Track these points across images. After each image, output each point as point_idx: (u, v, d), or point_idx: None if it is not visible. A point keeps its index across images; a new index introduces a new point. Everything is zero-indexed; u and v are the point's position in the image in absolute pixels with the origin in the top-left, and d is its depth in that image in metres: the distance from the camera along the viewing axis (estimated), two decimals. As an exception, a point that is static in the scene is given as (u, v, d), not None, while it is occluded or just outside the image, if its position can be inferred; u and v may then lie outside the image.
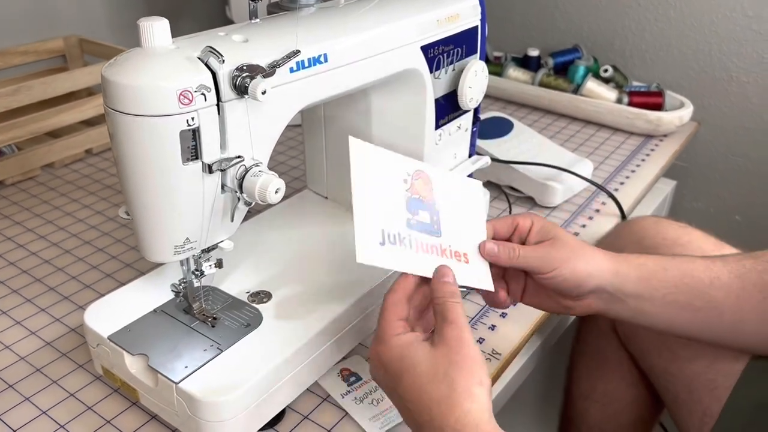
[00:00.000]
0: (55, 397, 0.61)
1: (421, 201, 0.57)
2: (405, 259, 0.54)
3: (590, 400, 0.86)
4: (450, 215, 0.59)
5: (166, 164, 0.48)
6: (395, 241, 0.53)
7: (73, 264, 0.79)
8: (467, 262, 0.57)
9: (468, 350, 0.47)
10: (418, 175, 0.58)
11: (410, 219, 0.55)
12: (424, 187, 0.58)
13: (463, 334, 0.48)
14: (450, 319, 0.49)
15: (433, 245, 0.56)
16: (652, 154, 1.11)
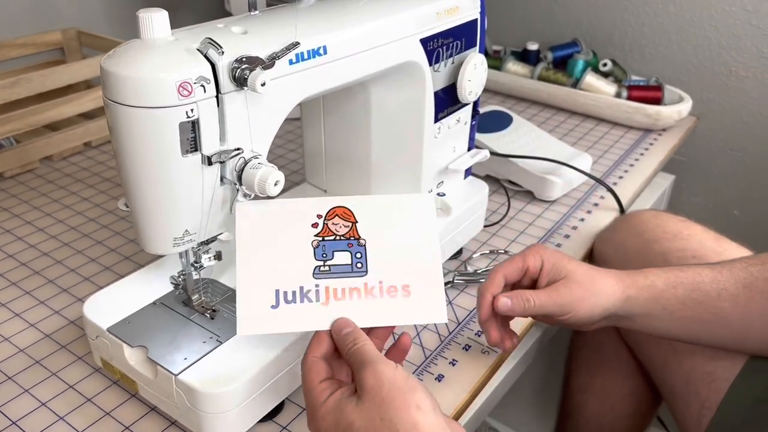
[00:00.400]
0: (54, 389, 0.61)
1: (337, 242, 0.52)
2: (308, 317, 0.50)
3: (588, 393, 0.87)
4: (383, 246, 0.53)
5: (166, 156, 0.48)
6: (295, 298, 0.50)
7: (71, 256, 0.79)
8: (407, 294, 0.52)
9: (390, 383, 0.44)
10: (335, 212, 0.53)
11: (320, 267, 0.51)
12: (342, 224, 0.53)
13: (378, 369, 0.45)
14: (362, 364, 0.46)
15: (353, 288, 0.51)
16: (651, 148, 1.11)
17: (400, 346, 0.53)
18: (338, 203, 0.53)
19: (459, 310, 0.73)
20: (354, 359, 0.47)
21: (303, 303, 0.50)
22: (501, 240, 0.86)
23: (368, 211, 0.54)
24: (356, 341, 0.48)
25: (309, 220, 0.52)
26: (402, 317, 0.52)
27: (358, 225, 0.53)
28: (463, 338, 0.69)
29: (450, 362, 0.66)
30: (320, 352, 0.49)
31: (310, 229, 0.52)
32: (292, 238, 0.51)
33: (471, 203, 0.78)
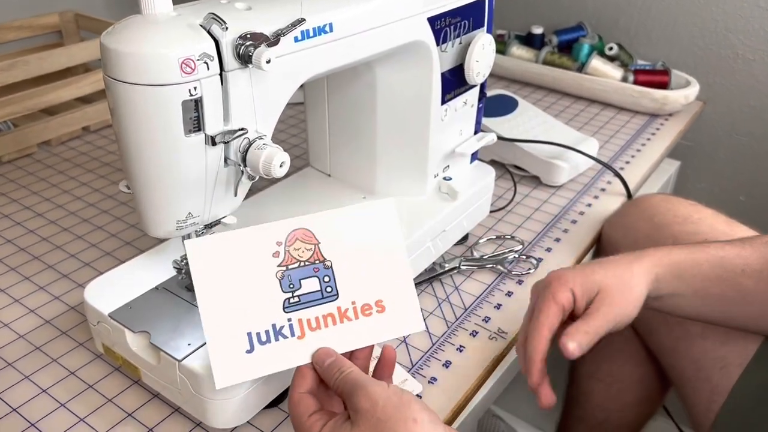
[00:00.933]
0: (55, 376, 0.60)
1: (302, 269, 0.49)
2: (286, 355, 0.47)
3: (595, 380, 0.86)
4: (350, 264, 0.51)
5: (168, 136, 0.46)
6: (269, 338, 0.47)
7: (71, 242, 0.78)
8: (382, 309, 0.51)
9: (383, 401, 0.43)
10: (295, 236, 0.50)
11: (289, 299, 0.48)
12: (305, 248, 0.50)
13: (369, 391, 0.43)
14: (352, 389, 0.44)
15: (326, 314, 0.49)
16: (658, 133, 1.10)
17: (385, 361, 0.51)
18: (296, 225, 0.50)
19: (466, 296, 0.72)
20: (343, 388, 0.45)
21: (278, 341, 0.47)
22: (507, 225, 0.84)
23: (329, 229, 0.50)
24: (341, 370, 0.46)
25: (269, 249, 0.49)
26: (380, 335, 0.50)
27: (320, 246, 0.50)
28: (470, 324, 0.68)
29: (457, 348, 0.65)
30: (305, 387, 0.47)
31: (271, 260, 0.48)
32: (254, 272, 0.48)
33: (477, 188, 0.77)
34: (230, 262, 0.47)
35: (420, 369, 0.63)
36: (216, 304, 0.46)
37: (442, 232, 0.72)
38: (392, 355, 0.51)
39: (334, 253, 0.50)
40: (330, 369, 0.47)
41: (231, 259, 0.47)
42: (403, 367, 0.62)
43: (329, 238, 0.50)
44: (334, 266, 0.50)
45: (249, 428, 0.56)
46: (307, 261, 0.49)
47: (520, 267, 0.77)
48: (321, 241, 0.50)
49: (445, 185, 0.74)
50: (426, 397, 0.60)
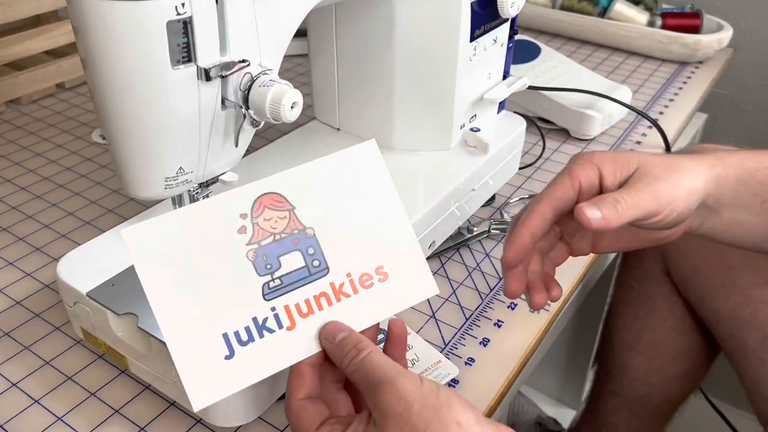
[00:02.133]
0: (27, 366, 0.51)
1: (279, 243, 0.39)
2: (276, 353, 0.38)
3: (634, 351, 0.78)
4: (337, 227, 0.41)
5: (151, 67, 0.37)
6: (251, 336, 0.37)
7: (45, 210, 0.68)
8: (384, 278, 0.41)
9: (420, 404, 0.34)
10: (262, 203, 0.39)
11: (269, 283, 0.38)
12: (277, 216, 0.39)
13: (400, 389, 0.34)
14: (377, 383, 0.35)
15: (319, 294, 0.40)
16: (690, 81, 1.01)
17: (395, 339, 0.41)
18: (261, 190, 0.39)
19: (499, 264, 0.63)
20: (363, 376, 0.36)
21: (264, 338, 0.38)
22: (537, 184, 0.75)
23: (303, 188, 0.40)
24: (359, 349, 0.37)
25: (232, 225, 0.38)
26: (387, 308, 0.41)
27: (296, 211, 0.40)
28: (507, 295, 0.59)
29: (495, 324, 0.57)
30: (305, 390, 0.38)
31: (238, 238, 0.38)
32: (218, 257, 0.37)
33: (507, 140, 0.67)
34: (185, 249, 0.37)
35: (454, 348, 0.54)
36: (176, 306, 0.36)
37: (470, 191, 0.63)
38: (402, 330, 0.41)
39: (314, 217, 0.40)
40: (343, 346, 0.38)
41: (186, 245, 0.37)
42: (435, 347, 0.54)
43: (305, 199, 0.40)
44: (318, 233, 0.40)
45: (259, 424, 0.47)
46: (284, 232, 0.39)
47: (557, 229, 0.68)
48: (296, 205, 0.40)
49: (472, 137, 0.65)
50: (464, 381, 0.51)
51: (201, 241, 0.37)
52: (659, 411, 0.80)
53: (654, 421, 0.82)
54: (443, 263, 0.63)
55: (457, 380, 0.51)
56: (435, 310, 0.58)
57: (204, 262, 0.37)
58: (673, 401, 0.80)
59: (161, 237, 0.36)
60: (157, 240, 0.36)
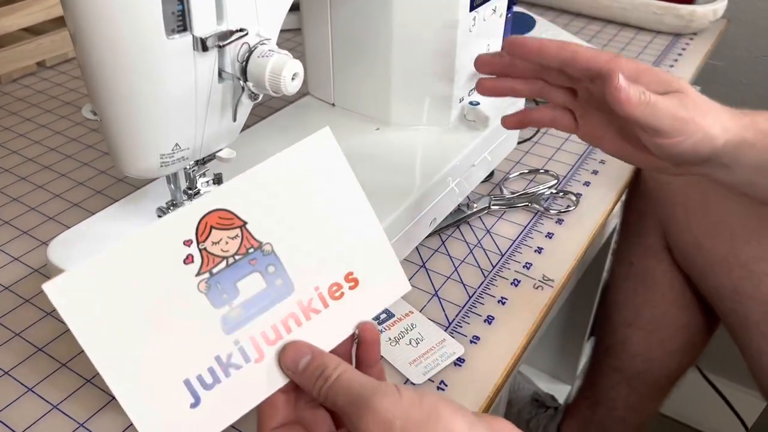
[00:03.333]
0: (19, 354, 0.49)
1: (233, 267, 0.34)
2: (247, 390, 0.35)
3: (634, 327, 0.78)
4: (296, 238, 0.36)
5: (144, 37, 0.34)
6: (217, 377, 0.34)
7: (31, 193, 0.66)
8: (355, 284, 0.38)
9: (402, 420, 0.31)
10: (207, 224, 0.34)
11: (228, 312, 0.34)
12: (227, 237, 0.34)
13: (378, 408, 0.31)
14: (351, 406, 0.32)
15: (288, 315, 0.36)
16: (684, 53, 0.99)
17: (367, 345, 0.38)
18: (204, 209, 0.34)
19: (500, 240, 0.62)
20: (335, 402, 0.33)
21: (230, 376, 0.34)
22: (536, 158, 0.74)
23: (253, 198, 0.35)
24: (325, 375, 0.34)
25: (176, 255, 0.33)
26: (360, 316, 0.38)
27: (248, 226, 0.35)
28: (510, 272, 0.58)
29: (499, 301, 0.56)
30: (277, 420, 0.35)
31: (185, 269, 0.33)
32: (165, 294, 0.33)
33: (508, 113, 0.66)
34: (126, 293, 0.31)
35: (458, 327, 0.53)
36: (126, 362, 0.31)
37: (470, 167, 0.62)
38: (373, 333, 0.38)
39: (270, 230, 0.35)
40: (309, 375, 0.34)
41: (125, 288, 0.31)
42: (439, 326, 0.53)
43: (257, 211, 0.35)
44: (277, 248, 0.35)
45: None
46: (237, 254, 0.34)
47: (557, 204, 0.67)
48: (247, 220, 0.35)
49: (471, 111, 0.63)
50: (469, 360, 0.50)
51: (143, 281, 0.32)
52: (658, 386, 0.80)
53: (652, 395, 0.82)
54: (444, 241, 0.62)
55: (463, 359, 0.50)
56: (437, 288, 0.57)
57: (150, 304, 0.32)
58: (671, 376, 0.80)
59: (93, 284, 0.31)
60: (88, 289, 0.31)
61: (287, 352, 0.35)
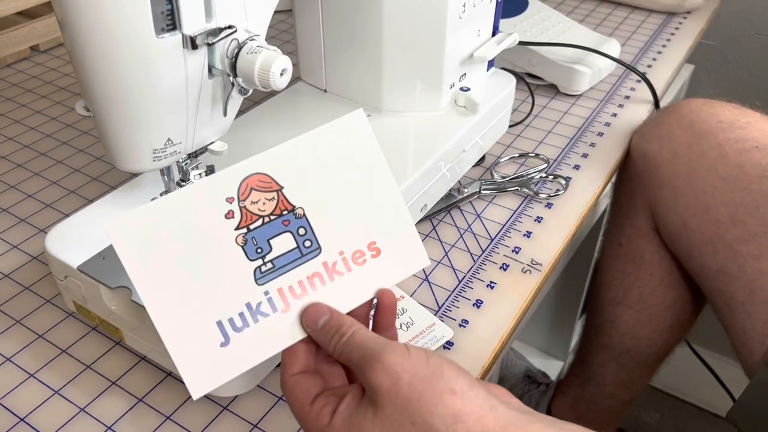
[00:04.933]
0: (20, 340, 0.51)
1: (268, 226, 0.38)
2: (272, 337, 0.38)
3: (623, 306, 0.79)
4: (327, 205, 0.40)
5: (135, 37, 0.35)
6: (246, 322, 0.37)
7: (27, 180, 0.67)
8: (377, 253, 0.41)
9: (409, 375, 0.33)
10: (248, 185, 0.37)
11: (260, 267, 0.38)
12: (265, 198, 0.38)
13: (388, 363, 0.33)
14: (363, 360, 0.35)
15: (312, 275, 0.39)
16: (678, 33, 0.99)
17: (384, 310, 0.41)
18: (247, 171, 0.37)
19: (490, 225, 0.63)
20: (349, 357, 0.36)
21: (258, 322, 0.37)
22: (527, 142, 0.75)
23: (290, 166, 0.39)
24: (341, 332, 0.37)
25: (219, 210, 0.37)
26: (379, 283, 0.41)
27: (285, 191, 0.38)
28: (499, 256, 0.60)
29: (487, 285, 0.57)
30: (298, 366, 0.38)
31: (225, 223, 0.37)
32: (206, 244, 0.36)
33: (498, 99, 0.66)
34: (172, 238, 0.35)
35: (448, 311, 0.54)
36: (167, 298, 0.35)
37: (461, 153, 0.62)
38: (391, 300, 0.40)
39: (303, 196, 0.39)
40: (326, 332, 0.37)
41: (172, 234, 0.35)
42: (429, 310, 0.54)
43: (293, 178, 0.39)
44: (308, 213, 0.39)
45: (258, 392, 0.47)
46: (272, 214, 0.38)
47: (547, 188, 0.68)
48: (284, 185, 0.38)
49: (462, 97, 0.64)
50: (459, 343, 0.52)
51: (188, 229, 0.36)
52: (646, 363, 0.82)
53: (641, 372, 0.84)
54: (435, 226, 0.63)
55: (452, 342, 0.52)
56: (428, 273, 0.58)
57: (192, 250, 0.36)
58: (659, 353, 0.82)
59: (146, 227, 0.35)
60: (141, 230, 0.35)
61: (308, 312, 0.38)
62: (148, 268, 0.35)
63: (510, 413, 0.32)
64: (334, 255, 0.39)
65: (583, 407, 0.90)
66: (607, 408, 0.88)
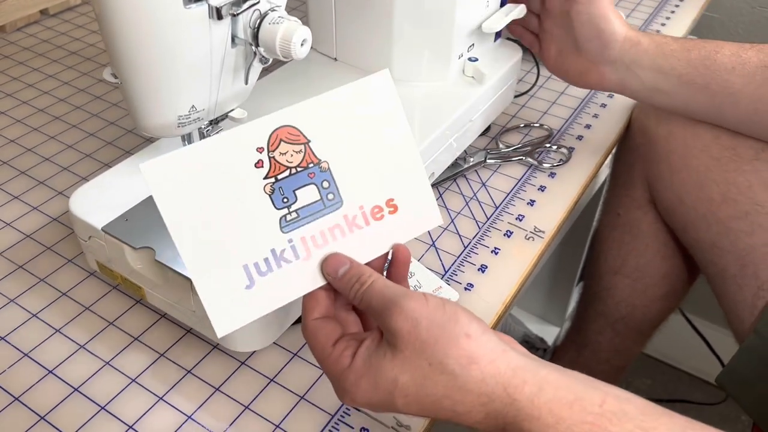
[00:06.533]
0: (45, 298, 0.53)
1: (295, 177, 0.40)
2: (293, 282, 0.40)
3: (620, 275, 0.82)
4: (351, 161, 0.41)
5: (164, 6, 0.37)
6: (270, 267, 0.39)
7: (44, 143, 0.68)
8: (394, 210, 0.43)
9: (427, 320, 0.35)
10: (278, 137, 0.39)
11: (285, 216, 0.40)
12: (293, 150, 0.40)
13: (407, 309, 0.36)
14: (382, 307, 0.37)
15: (333, 227, 0.41)
16: (681, 5, 1.00)
17: (398, 263, 0.42)
18: (277, 123, 0.39)
19: (495, 193, 0.65)
20: (369, 304, 0.38)
21: (281, 268, 0.39)
22: (532, 112, 0.76)
23: (318, 121, 0.40)
24: (362, 280, 0.38)
25: (249, 159, 0.38)
26: (395, 238, 0.43)
27: (311, 144, 0.40)
28: (503, 224, 0.62)
29: (492, 251, 0.59)
30: (319, 312, 0.40)
31: (255, 172, 0.38)
32: (236, 191, 0.38)
33: (504, 70, 0.68)
34: (204, 183, 0.37)
35: (454, 275, 0.57)
36: (197, 239, 0.37)
37: (468, 122, 0.64)
38: (405, 254, 0.43)
39: (329, 150, 0.41)
40: (347, 280, 0.39)
41: (204, 179, 0.37)
42: (436, 274, 0.56)
43: (320, 132, 0.40)
44: (332, 167, 0.41)
45: (274, 348, 0.50)
46: (299, 166, 0.40)
47: (550, 158, 0.70)
48: (311, 139, 0.40)
49: (470, 67, 0.65)
50: (464, 305, 0.54)
51: (219, 176, 0.37)
52: (641, 330, 0.85)
53: (635, 339, 0.87)
54: (441, 193, 0.65)
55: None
56: (435, 238, 0.60)
57: (222, 196, 0.38)
58: (654, 321, 0.84)
59: (180, 171, 0.36)
60: (175, 174, 0.36)
61: (329, 261, 0.40)
62: (180, 210, 0.36)
63: (520, 357, 0.35)
64: (354, 209, 0.41)
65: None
66: (602, 373, 0.91)
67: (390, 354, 0.36)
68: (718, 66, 0.58)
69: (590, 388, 0.33)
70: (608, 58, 0.61)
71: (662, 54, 0.59)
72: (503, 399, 0.33)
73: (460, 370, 0.34)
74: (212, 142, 0.37)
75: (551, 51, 0.66)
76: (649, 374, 1.43)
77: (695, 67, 0.59)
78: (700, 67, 0.58)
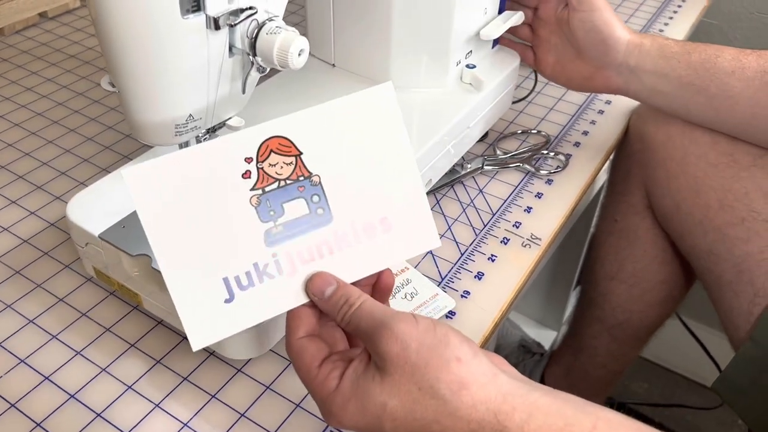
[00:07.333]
0: (41, 304, 0.53)
1: (283, 189, 0.38)
2: (275, 298, 0.38)
3: (617, 281, 0.82)
4: (343, 176, 0.40)
5: (162, 17, 0.37)
6: (251, 281, 0.38)
7: (41, 148, 0.69)
8: (388, 228, 0.41)
9: (417, 343, 0.34)
10: (268, 147, 0.38)
11: (271, 230, 0.38)
12: (283, 162, 0.38)
13: (397, 331, 0.35)
14: (372, 329, 0.36)
15: (322, 242, 0.39)
16: (679, 11, 1.01)
17: (381, 292, 0.42)
18: (268, 133, 0.37)
19: (492, 200, 0.65)
20: (358, 326, 0.36)
21: (263, 283, 0.38)
22: (529, 119, 0.77)
23: (312, 132, 0.38)
24: (350, 302, 0.37)
25: (236, 169, 0.37)
26: (388, 258, 0.41)
27: (303, 157, 0.38)
28: (500, 231, 0.62)
29: (488, 258, 0.59)
30: (304, 330, 0.38)
31: (242, 183, 0.37)
32: (221, 201, 0.37)
33: (502, 76, 0.68)
34: (188, 191, 0.36)
35: (450, 282, 0.57)
36: (177, 249, 0.36)
37: (466, 129, 0.64)
38: (389, 282, 0.42)
39: (321, 164, 0.39)
40: (334, 302, 0.38)
41: (188, 187, 0.36)
42: (432, 281, 0.56)
43: (313, 145, 0.39)
44: (324, 181, 0.39)
45: (271, 356, 0.50)
46: (289, 179, 0.38)
47: (548, 165, 0.70)
48: (303, 151, 0.38)
49: (468, 74, 0.65)
50: (460, 313, 0.54)
51: (204, 185, 0.36)
52: (637, 335, 0.85)
53: (632, 344, 0.87)
54: (438, 200, 0.65)
55: (454, 312, 0.54)
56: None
57: (206, 206, 0.36)
58: (650, 326, 0.85)
59: (163, 178, 0.35)
60: (159, 181, 0.35)
61: (314, 281, 0.39)
62: (161, 218, 0.35)
63: (511, 382, 0.35)
64: (344, 226, 0.40)
65: (575, 377, 0.94)
66: (598, 378, 0.91)
67: (379, 377, 0.35)
68: (718, 69, 0.59)
69: (581, 412, 0.33)
70: (613, 62, 0.62)
71: (664, 56, 0.60)
72: (494, 426, 0.33)
73: (451, 396, 0.34)
74: (198, 150, 0.36)
75: (548, 59, 0.67)
76: (646, 378, 1.44)
77: (695, 70, 0.59)
78: (700, 69, 0.59)
